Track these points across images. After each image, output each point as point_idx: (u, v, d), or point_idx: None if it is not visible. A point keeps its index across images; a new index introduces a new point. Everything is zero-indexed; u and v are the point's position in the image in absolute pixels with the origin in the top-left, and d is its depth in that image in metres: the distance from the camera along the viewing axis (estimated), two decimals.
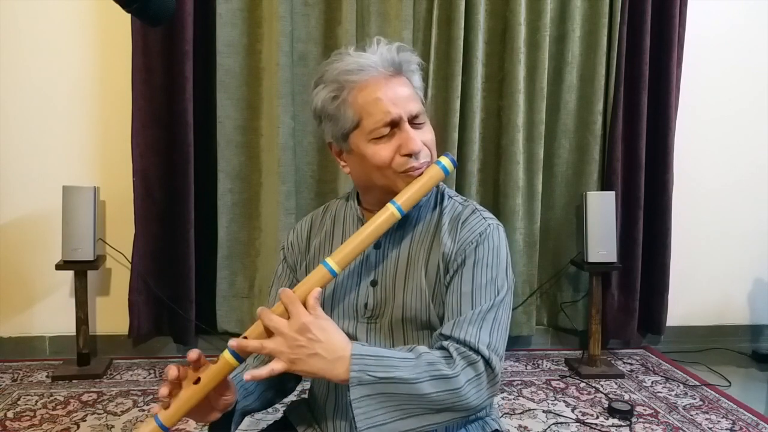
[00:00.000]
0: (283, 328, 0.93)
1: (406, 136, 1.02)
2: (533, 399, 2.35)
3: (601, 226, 2.58)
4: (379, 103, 1.02)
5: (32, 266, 2.62)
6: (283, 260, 1.20)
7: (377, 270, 1.09)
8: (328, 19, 2.59)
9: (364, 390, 0.92)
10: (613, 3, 2.66)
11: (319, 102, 1.07)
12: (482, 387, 0.97)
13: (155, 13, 0.91)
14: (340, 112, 1.04)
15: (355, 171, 1.10)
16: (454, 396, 0.94)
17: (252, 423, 1.80)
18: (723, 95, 2.91)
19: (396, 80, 1.05)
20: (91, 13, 2.56)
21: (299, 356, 0.92)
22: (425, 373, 0.94)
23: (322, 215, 1.22)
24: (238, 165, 2.61)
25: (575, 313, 2.84)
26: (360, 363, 0.93)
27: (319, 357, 0.93)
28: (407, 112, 1.03)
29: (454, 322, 1.00)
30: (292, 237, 1.21)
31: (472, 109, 2.64)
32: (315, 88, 1.08)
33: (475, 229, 1.06)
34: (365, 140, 1.04)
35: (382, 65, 1.04)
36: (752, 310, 3.03)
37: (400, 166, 1.03)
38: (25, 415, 2.13)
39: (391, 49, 1.06)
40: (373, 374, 0.93)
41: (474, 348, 0.97)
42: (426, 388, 0.93)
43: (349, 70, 1.03)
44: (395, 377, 0.93)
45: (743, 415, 2.23)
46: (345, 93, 1.03)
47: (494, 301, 1.02)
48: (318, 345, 0.93)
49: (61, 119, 2.59)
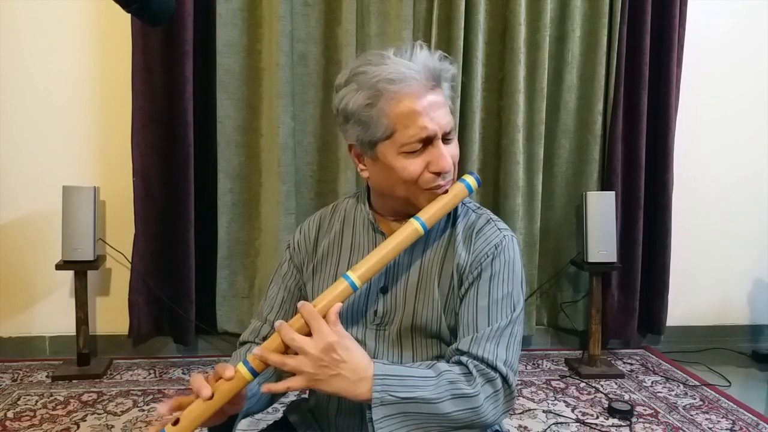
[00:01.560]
0: (308, 347, 0.91)
1: (438, 154, 1.00)
2: (533, 399, 2.35)
3: (601, 226, 2.58)
4: (417, 118, 0.98)
5: (32, 266, 2.61)
6: (290, 260, 1.18)
7: (388, 277, 1.08)
8: (328, 19, 2.59)
9: (387, 410, 0.92)
10: (613, 3, 2.66)
11: (350, 104, 1.01)
12: (499, 403, 0.98)
13: (155, 13, 0.90)
14: (373, 120, 0.99)
15: (376, 178, 1.07)
16: (473, 414, 0.96)
17: (252, 423, 1.80)
18: (723, 95, 2.91)
19: (434, 92, 1.01)
20: (91, 13, 2.56)
21: (321, 377, 0.91)
22: (446, 392, 0.95)
23: (330, 215, 1.19)
24: (238, 165, 2.61)
25: (575, 313, 2.84)
26: (382, 383, 0.93)
27: (342, 377, 0.92)
28: (442, 127, 1.00)
29: (471, 339, 1.00)
30: (299, 237, 1.19)
31: (472, 109, 2.64)
32: (346, 87, 1.02)
33: (490, 241, 1.06)
34: (395, 152, 1.00)
35: (423, 76, 0.99)
36: (752, 310, 3.03)
37: (426, 183, 1.01)
38: (25, 415, 2.13)
39: (433, 58, 1.01)
40: (396, 394, 0.93)
41: (492, 365, 0.98)
42: (447, 407, 0.94)
43: (390, 79, 0.97)
44: (417, 397, 0.93)
45: (743, 415, 2.23)
46: (382, 102, 0.98)
47: (511, 317, 1.03)
48: (342, 365, 0.92)
49: (61, 119, 2.59)
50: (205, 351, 2.70)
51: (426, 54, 1.01)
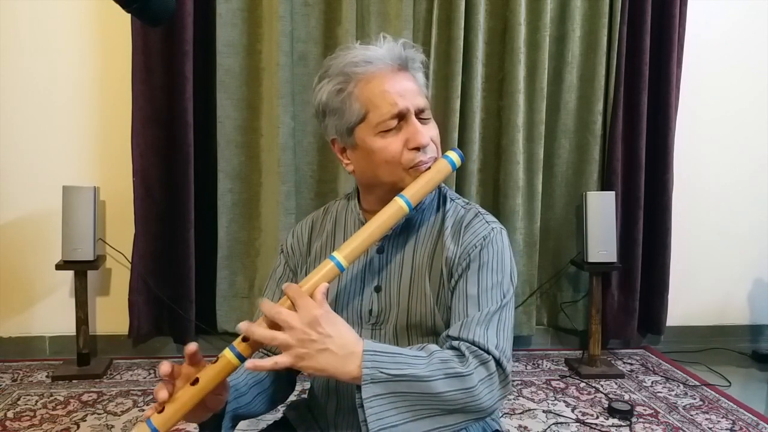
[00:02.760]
0: (293, 321, 0.88)
1: (414, 130, 1.02)
2: (533, 399, 2.35)
3: (601, 226, 2.58)
4: (386, 95, 1.01)
5: (32, 266, 2.61)
6: (285, 263, 1.18)
7: (381, 275, 1.08)
8: (328, 19, 2.59)
9: (377, 388, 0.88)
10: (613, 3, 2.66)
11: (323, 96, 1.05)
12: (494, 387, 0.94)
13: (155, 13, 0.90)
14: (346, 105, 1.02)
15: (360, 168, 1.08)
16: (467, 395, 0.91)
17: (252, 423, 1.79)
18: (723, 95, 2.91)
19: (402, 74, 1.04)
20: (91, 13, 2.56)
21: (308, 351, 0.87)
22: (439, 370, 0.91)
23: (322, 217, 1.20)
24: (238, 165, 2.61)
25: (575, 313, 2.84)
26: (372, 360, 0.89)
27: (330, 353, 0.88)
28: (414, 105, 1.02)
29: (461, 324, 0.99)
30: (292, 240, 1.19)
31: (472, 109, 2.64)
32: (319, 83, 1.06)
33: (478, 233, 1.05)
34: (372, 134, 1.02)
35: (389, 58, 1.03)
36: (752, 310, 3.03)
37: (408, 162, 1.02)
38: (25, 415, 2.13)
39: (398, 44, 1.05)
40: (386, 371, 0.88)
41: (484, 348, 0.96)
42: (440, 386, 0.90)
43: (355, 62, 1.01)
44: (409, 374, 0.89)
45: (743, 415, 2.22)
46: (351, 86, 1.02)
47: (501, 303, 1.02)
48: (329, 340, 0.88)
49: (61, 119, 2.59)
50: (205, 351, 2.63)
51: (391, 42, 1.05)
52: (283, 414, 1.22)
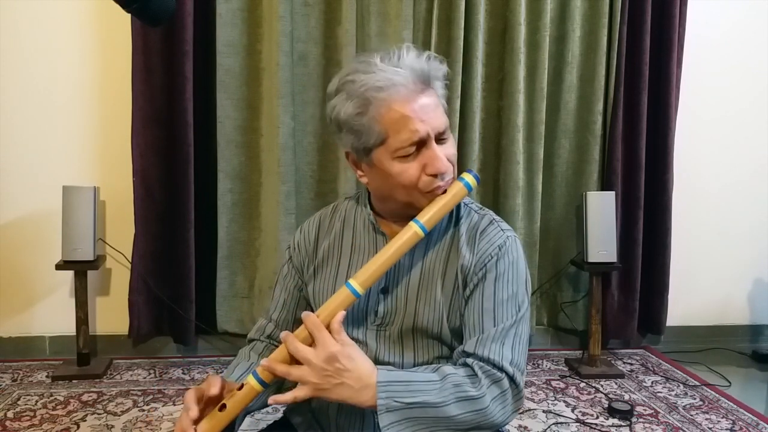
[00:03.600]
0: (311, 357, 0.94)
1: (433, 155, 1.00)
2: (533, 399, 2.35)
3: (601, 226, 2.58)
4: (407, 122, 0.98)
5: (32, 266, 2.61)
6: (289, 260, 1.19)
7: (388, 277, 1.08)
8: (328, 19, 2.59)
9: (393, 417, 0.93)
10: (613, 3, 2.66)
11: (341, 114, 1.02)
12: (507, 404, 0.98)
13: (155, 13, 0.90)
14: (365, 129, 1.00)
15: (374, 183, 1.07)
16: (479, 416, 0.96)
17: (252, 423, 1.80)
18: (723, 95, 2.90)
19: (424, 94, 1.01)
20: (91, 13, 2.56)
21: (326, 386, 0.93)
22: (451, 395, 0.95)
23: (330, 216, 1.19)
24: (238, 165, 2.61)
25: (575, 313, 2.84)
26: (387, 390, 0.94)
27: (346, 386, 0.94)
28: (434, 129, 1.01)
29: (477, 340, 1.00)
30: (299, 237, 1.19)
31: (472, 109, 2.64)
32: (336, 96, 1.03)
33: (494, 242, 1.06)
34: (390, 158, 1.01)
35: (412, 80, 0.99)
36: (752, 310, 3.03)
37: (425, 186, 1.02)
38: (25, 415, 2.13)
39: (421, 59, 1.01)
40: (401, 400, 0.93)
41: (498, 366, 0.98)
42: (453, 410, 0.94)
43: (378, 87, 0.98)
44: (422, 402, 0.94)
45: (743, 415, 2.22)
46: (372, 110, 0.99)
47: (516, 317, 1.03)
48: (345, 374, 0.93)
49: (61, 119, 2.59)
50: (205, 351, 2.70)
51: (413, 56, 1.01)
52: (284, 414, 1.22)
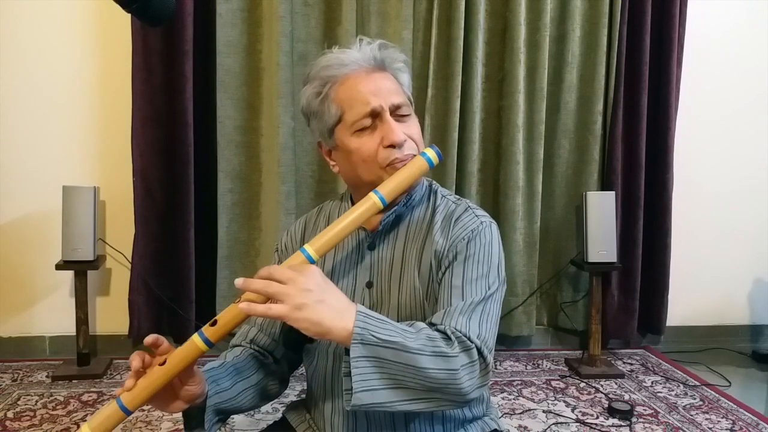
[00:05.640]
0: (291, 275, 0.88)
1: (388, 128, 1.03)
2: (533, 399, 2.35)
3: (601, 226, 2.58)
4: (358, 95, 1.03)
5: (32, 266, 2.62)
6: (278, 261, 1.19)
7: (372, 271, 1.09)
8: (328, 19, 2.59)
9: (365, 350, 0.88)
10: (613, 3, 2.66)
11: (304, 100, 1.09)
12: (475, 375, 0.94)
13: (155, 13, 0.90)
14: (324, 108, 1.06)
15: (343, 168, 1.11)
16: (450, 376, 0.91)
17: (252, 423, 1.80)
18: (723, 95, 2.90)
19: (378, 74, 1.06)
20: (91, 13, 2.56)
21: (306, 301, 0.86)
22: (426, 347, 0.91)
23: (315, 216, 1.22)
24: (238, 165, 2.61)
25: (575, 313, 2.84)
26: (364, 321, 0.89)
27: (327, 305, 0.88)
28: (388, 103, 1.04)
29: (444, 312, 0.99)
30: (286, 239, 1.21)
31: (472, 109, 2.64)
32: (303, 88, 1.10)
33: (467, 226, 1.06)
34: (348, 134, 1.05)
35: (363, 60, 1.06)
36: (752, 310, 3.03)
37: (384, 160, 1.03)
38: (25, 415, 2.13)
39: (374, 47, 1.08)
40: (376, 335, 0.89)
41: (466, 336, 0.95)
42: (425, 361, 0.90)
43: (329, 66, 1.05)
44: (397, 342, 0.89)
45: (743, 415, 2.22)
46: (327, 88, 1.05)
47: (485, 294, 1.01)
48: (326, 293, 0.89)
49: (61, 119, 2.59)
50: None
51: (367, 45, 1.08)
52: (283, 414, 1.22)
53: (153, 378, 0.90)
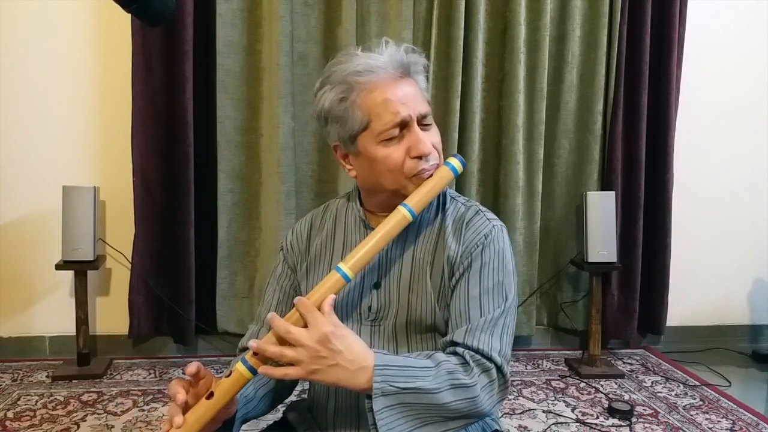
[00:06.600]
0: (304, 339, 0.91)
1: (416, 138, 1.02)
2: (533, 399, 2.35)
3: (601, 226, 2.58)
4: (388, 104, 1.01)
5: (32, 266, 2.61)
6: (283, 261, 1.19)
7: (380, 272, 1.09)
8: (328, 19, 2.59)
9: (387, 401, 0.92)
10: (613, 3, 2.66)
11: (326, 103, 1.05)
12: (494, 393, 0.99)
13: (155, 13, 0.90)
14: (348, 114, 1.03)
15: (362, 174, 1.09)
16: (470, 403, 0.96)
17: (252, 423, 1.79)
18: (723, 95, 2.90)
19: (404, 81, 1.04)
20: (91, 13, 2.56)
21: (320, 367, 0.91)
22: (445, 382, 0.95)
23: (322, 215, 1.21)
24: (238, 165, 2.61)
25: (575, 313, 2.84)
26: (383, 374, 0.93)
27: (340, 368, 0.91)
28: (416, 112, 1.03)
29: (465, 330, 1.01)
30: (292, 237, 1.20)
31: (472, 109, 2.64)
32: (321, 89, 1.06)
33: (480, 231, 1.06)
34: (374, 142, 1.03)
35: (391, 66, 1.03)
36: (752, 310, 3.03)
37: (410, 170, 1.03)
38: (25, 415, 2.13)
39: (400, 51, 1.05)
40: (396, 385, 0.92)
41: (487, 356, 0.99)
42: (446, 397, 0.94)
43: (357, 71, 1.02)
44: (417, 387, 0.93)
45: (743, 415, 2.23)
46: (354, 95, 1.02)
47: (503, 307, 1.03)
48: (339, 356, 0.91)
49: (61, 119, 2.59)
50: (205, 351, 2.70)
51: (393, 48, 1.06)
52: (283, 414, 1.22)
53: (201, 412, 0.92)
